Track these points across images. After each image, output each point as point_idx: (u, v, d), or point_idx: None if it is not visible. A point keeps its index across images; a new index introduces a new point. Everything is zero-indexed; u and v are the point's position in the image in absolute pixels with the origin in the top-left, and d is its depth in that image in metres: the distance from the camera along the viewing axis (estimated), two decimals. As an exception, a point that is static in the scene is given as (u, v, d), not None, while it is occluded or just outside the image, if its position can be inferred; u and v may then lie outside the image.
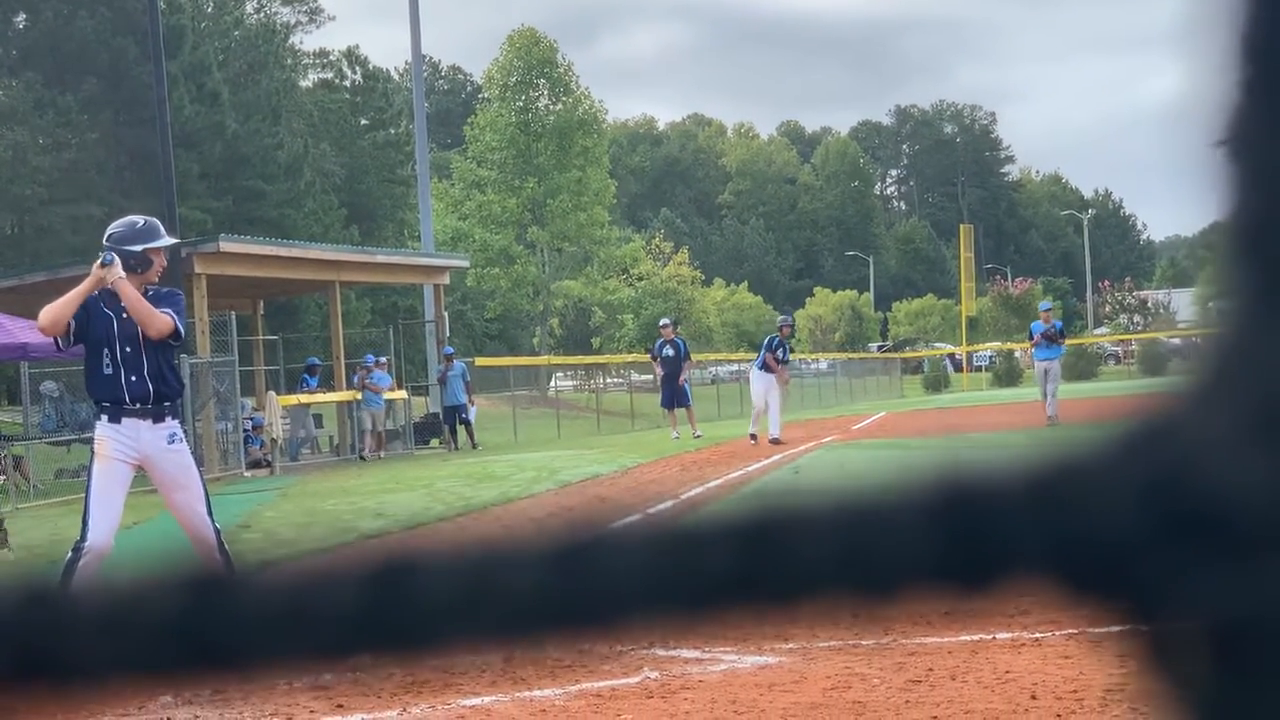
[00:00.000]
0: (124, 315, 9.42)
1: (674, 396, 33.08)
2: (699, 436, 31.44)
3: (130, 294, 9.34)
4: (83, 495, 9.50)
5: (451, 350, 38.96)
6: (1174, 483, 0.60)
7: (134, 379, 9.42)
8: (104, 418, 9.45)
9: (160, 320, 9.37)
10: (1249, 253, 0.59)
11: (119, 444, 9.38)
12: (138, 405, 9.43)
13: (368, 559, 0.59)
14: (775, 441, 27.22)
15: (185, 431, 10.02)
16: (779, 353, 28.73)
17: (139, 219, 9.87)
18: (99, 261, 9.42)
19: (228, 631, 0.62)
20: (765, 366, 28.37)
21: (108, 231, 9.74)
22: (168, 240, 9.96)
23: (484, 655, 0.63)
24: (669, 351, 33.27)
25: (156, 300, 9.55)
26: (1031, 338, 30.62)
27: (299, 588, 0.61)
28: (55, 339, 9.55)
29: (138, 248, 9.53)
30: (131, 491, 9.65)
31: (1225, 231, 0.60)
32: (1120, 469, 0.61)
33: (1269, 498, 0.58)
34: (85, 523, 9.03)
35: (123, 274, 9.34)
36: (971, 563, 0.62)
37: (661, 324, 35.71)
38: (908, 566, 0.63)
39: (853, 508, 0.63)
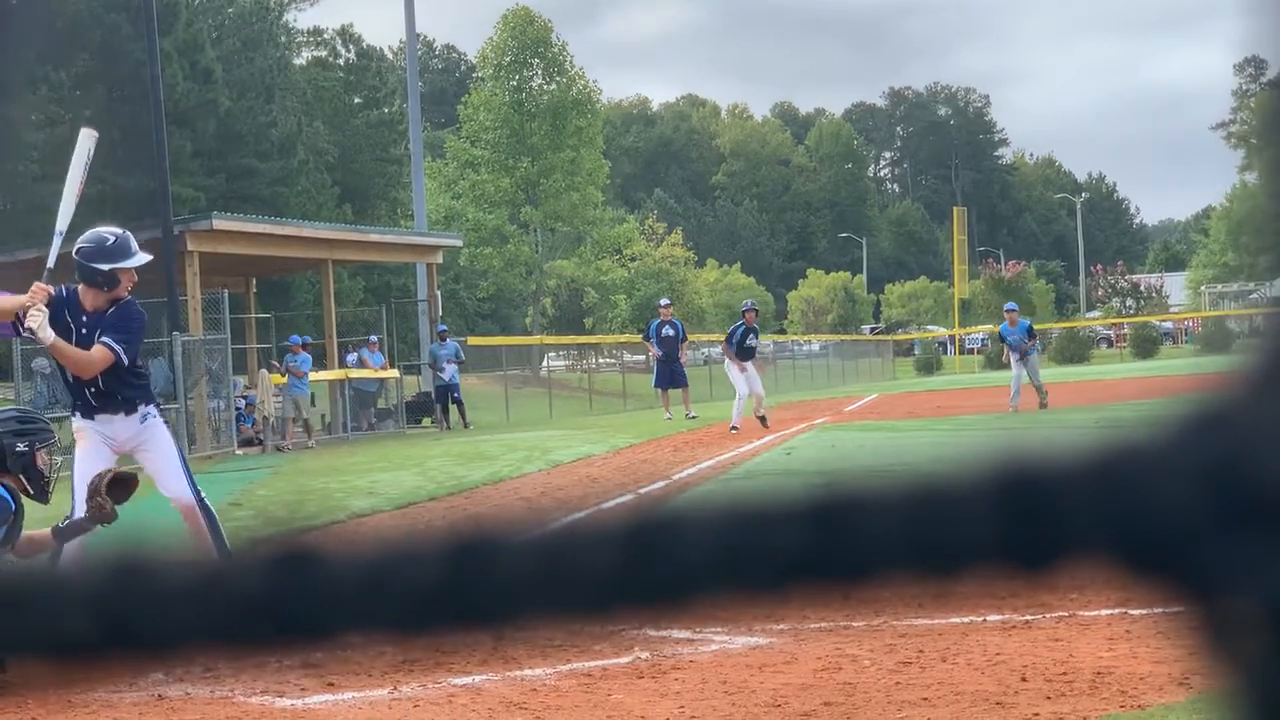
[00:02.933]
0: (83, 330, 9.29)
1: (671, 377, 33.07)
2: (694, 417, 31.43)
3: (59, 347, 9.18)
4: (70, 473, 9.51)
5: (445, 327, 38.97)
6: (1233, 467, 0.60)
7: (93, 390, 9.37)
8: (78, 414, 9.49)
9: (90, 364, 9.19)
10: None
11: (95, 431, 9.43)
12: (105, 408, 9.42)
13: (448, 534, 0.60)
14: (734, 429, 26.53)
15: (172, 410, 10.03)
16: (747, 340, 28.14)
17: (110, 235, 9.57)
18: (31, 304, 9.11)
19: (314, 604, 0.62)
20: (737, 354, 27.95)
21: (77, 245, 9.46)
22: (138, 260, 9.59)
23: (564, 630, 0.65)
24: (668, 331, 33.25)
25: (116, 318, 9.36)
26: (1003, 339, 30.94)
27: (382, 561, 0.62)
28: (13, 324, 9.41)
29: (105, 266, 9.34)
30: (123, 469, 9.67)
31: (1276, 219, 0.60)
32: (1180, 453, 0.61)
33: None
34: (74, 498, 9.06)
35: (48, 336, 9.12)
36: (1034, 544, 0.63)
37: (661, 304, 35.71)
38: (973, 547, 0.63)
39: (921, 489, 0.63)
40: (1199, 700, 5.52)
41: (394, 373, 37.80)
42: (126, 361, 9.34)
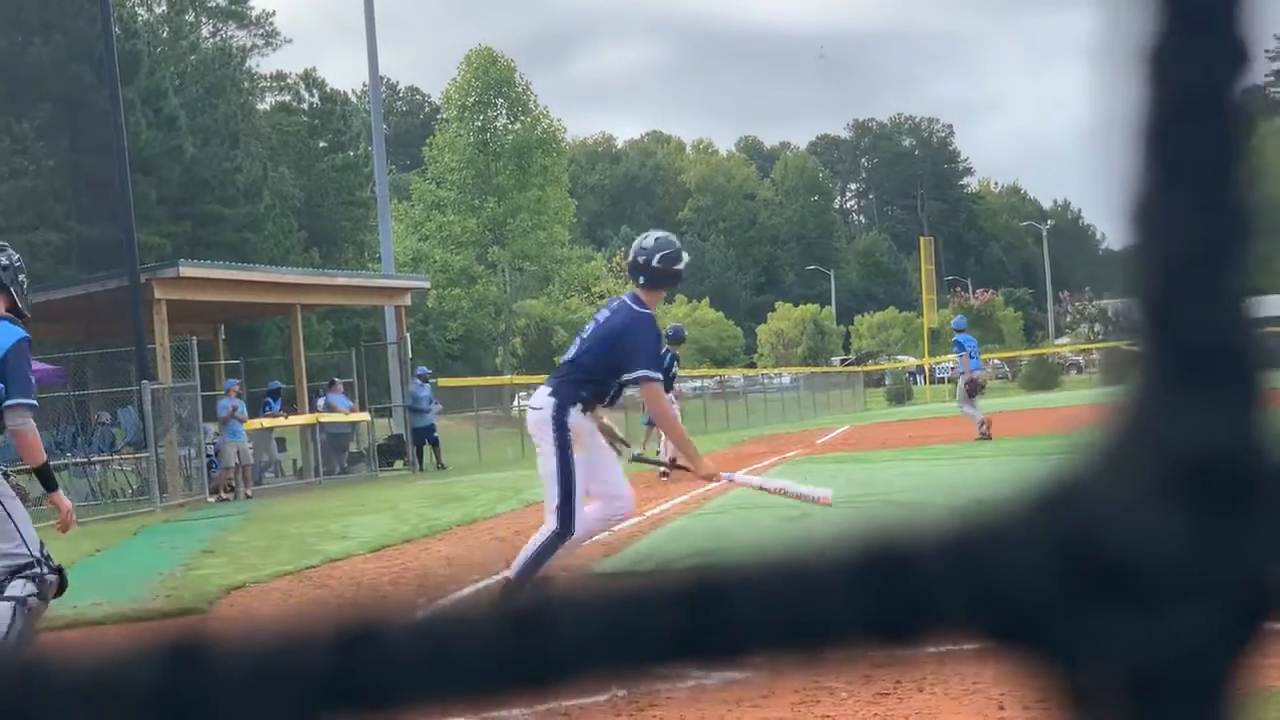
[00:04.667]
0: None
1: None
2: (660, 453, 31.35)
3: None
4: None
5: (426, 370, 38.97)
6: (1086, 539, 0.62)
7: None
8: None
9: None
10: (1155, 326, 0.61)
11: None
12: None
13: (679, 580, 0.61)
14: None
15: (143, 458, 9.85)
16: (672, 369, 24.73)
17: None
18: None
19: (543, 655, 0.64)
20: None
21: (657, 251, 9.59)
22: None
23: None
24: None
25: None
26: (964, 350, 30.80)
27: (615, 608, 0.63)
28: None
29: (679, 266, 9.55)
30: (92, 519, 9.59)
31: (1133, 304, 0.62)
32: (1036, 525, 0.63)
33: (1174, 555, 0.61)
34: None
35: None
36: (897, 619, 0.66)
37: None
38: (839, 624, 0.66)
39: (786, 570, 0.65)
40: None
41: (364, 416, 37.71)
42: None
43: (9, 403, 8.54)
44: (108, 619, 11.32)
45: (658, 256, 9.55)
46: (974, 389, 29.80)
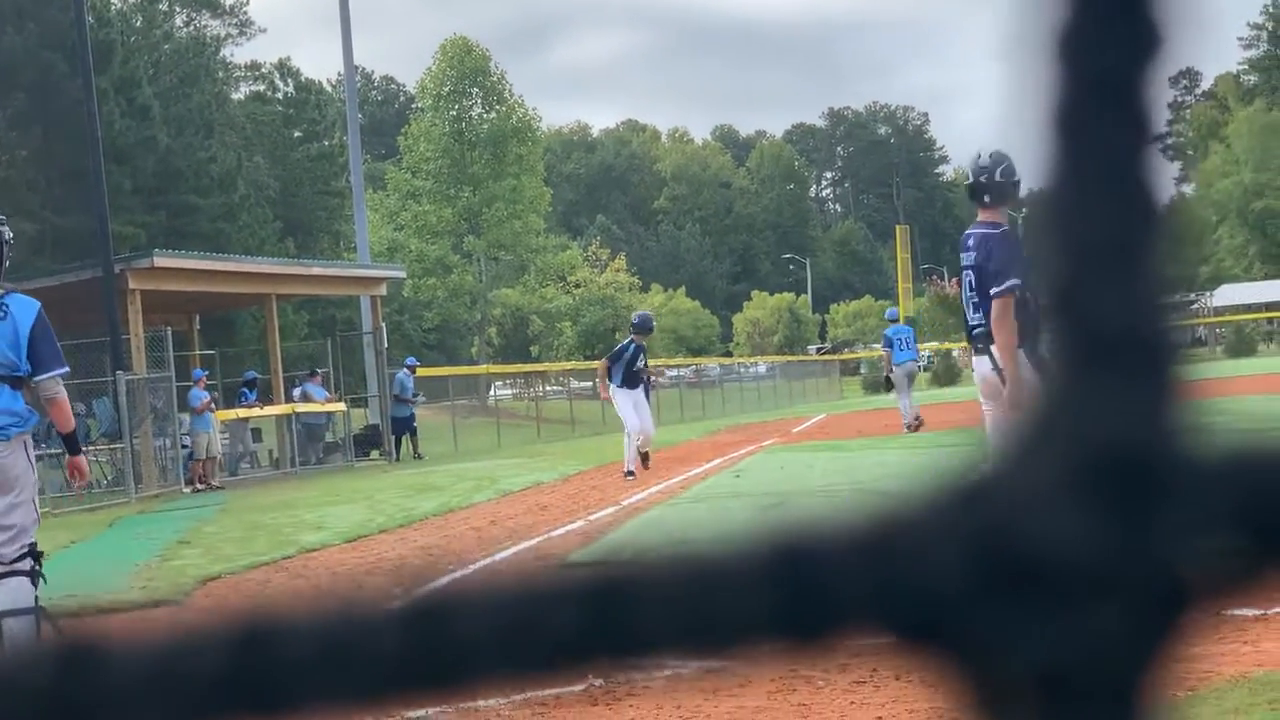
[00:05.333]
0: None
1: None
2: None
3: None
4: None
5: (415, 360, 39.01)
6: (996, 535, 0.62)
7: None
8: None
9: None
10: (1064, 316, 0.62)
11: None
12: None
13: (584, 578, 0.62)
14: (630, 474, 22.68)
15: (118, 449, 9.80)
16: (638, 361, 23.30)
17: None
18: None
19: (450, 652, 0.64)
20: (623, 381, 23.01)
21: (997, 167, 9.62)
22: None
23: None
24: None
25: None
26: (890, 345, 31.36)
27: (520, 606, 0.63)
28: None
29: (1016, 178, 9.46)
30: (68, 511, 9.57)
31: (1045, 295, 0.63)
32: (945, 523, 0.63)
33: (1086, 551, 0.61)
34: None
35: None
36: (804, 616, 0.65)
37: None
38: (747, 623, 0.66)
39: (691, 566, 0.65)
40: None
41: (340, 406, 37.66)
42: None
43: (54, 373, 8.59)
44: (82, 611, 11.29)
45: (999, 170, 9.55)
46: (896, 382, 30.48)
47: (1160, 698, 0.59)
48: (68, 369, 8.90)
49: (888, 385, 30.62)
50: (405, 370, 38.46)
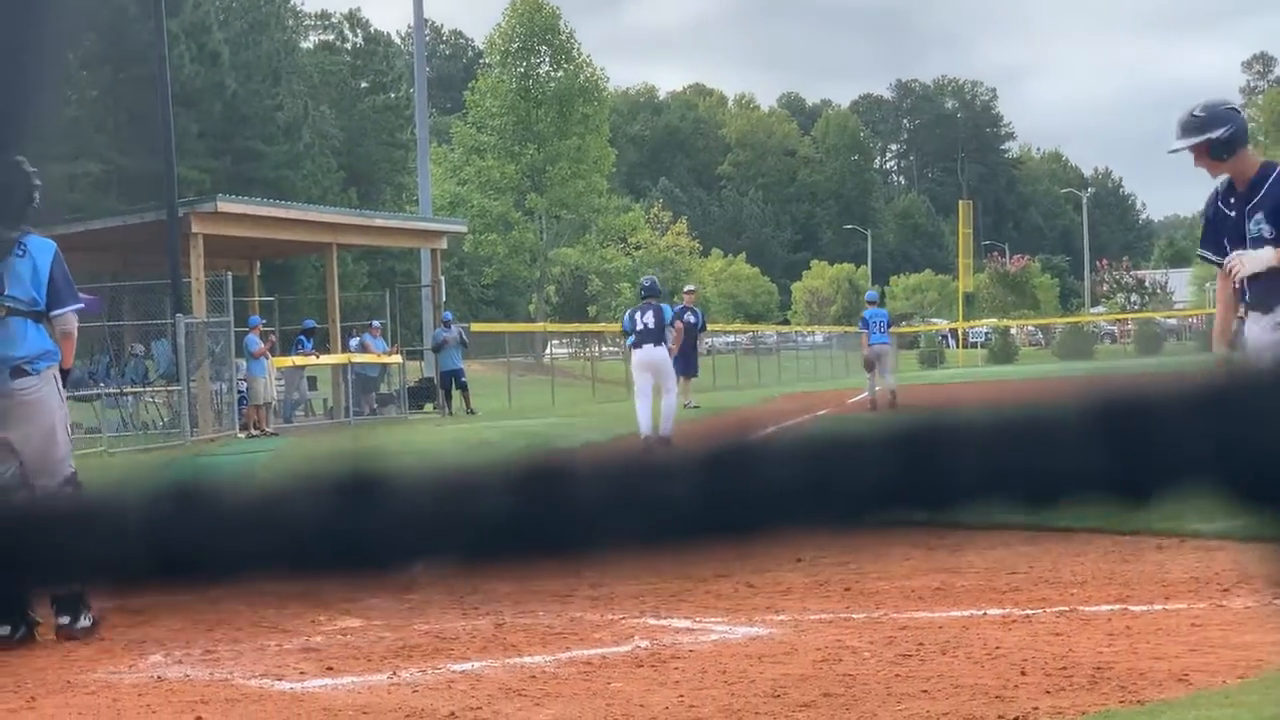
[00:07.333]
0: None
1: (687, 365, 32.39)
2: (695, 407, 31.34)
3: None
4: None
5: (450, 315, 38.88)
6: None
7: None
8: None
9: None
10: None
11: None
12: None
13: (520, 465, 0.61)
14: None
15: (175, 392, 9.81)
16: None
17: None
18: None
19: (377, 533, 0.63)
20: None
21: None
22: None
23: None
24: (690, 319, 32.50)
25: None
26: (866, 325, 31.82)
27: (444, 491, 0.62)
28: None
29: None
30: (123, 450, 9.62)
31: None
32: None
33: None
34: None
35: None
36: (1136, 473, 0.61)
37: (687, 290, 35.25)
38: (1072, 477, 0.61)
39: (1016, 418, 0.62)
40: (1199, 697, 5.51)
41: (397, 358, 37.74)
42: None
43: (71, 307, 8.71)
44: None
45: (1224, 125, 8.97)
46: (869, 363, 30.95)
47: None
48: (83, 304, 9.04)
49: (867, 366, 31.27)
50: (442, 325, 38.25)
